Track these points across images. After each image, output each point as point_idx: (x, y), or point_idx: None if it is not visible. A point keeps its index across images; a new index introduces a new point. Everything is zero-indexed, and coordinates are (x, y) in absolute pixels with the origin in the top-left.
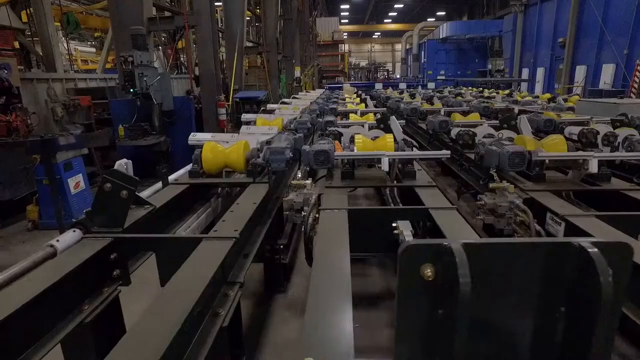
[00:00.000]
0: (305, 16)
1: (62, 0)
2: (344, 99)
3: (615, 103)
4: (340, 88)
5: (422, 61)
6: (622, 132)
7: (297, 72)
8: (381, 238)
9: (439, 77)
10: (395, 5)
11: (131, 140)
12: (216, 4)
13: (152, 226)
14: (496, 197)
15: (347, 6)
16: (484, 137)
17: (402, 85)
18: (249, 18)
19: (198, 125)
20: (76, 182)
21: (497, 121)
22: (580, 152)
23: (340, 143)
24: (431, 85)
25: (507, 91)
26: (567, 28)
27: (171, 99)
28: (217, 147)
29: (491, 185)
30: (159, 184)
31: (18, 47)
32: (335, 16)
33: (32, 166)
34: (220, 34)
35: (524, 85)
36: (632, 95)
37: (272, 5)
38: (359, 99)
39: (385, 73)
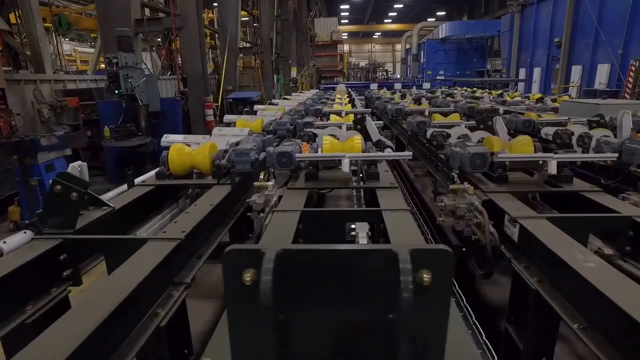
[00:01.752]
0: (303, 17)
1: (58, 1)
2: (335, 100)
3: (596, 104)
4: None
5: (422, 61)
6: (597, 133)
7: (294, 73)
8: (337, 240)
9: (438, 77)
10: (395, 5)
11: (116, 141)
12: (215, 4)
13: (112, 227)
14: (456, 199)
15: (347, 6)
16: (458, 137)
17: (397, 86)
18: (247, 19)
19: (186, 126)
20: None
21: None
22: (540, 154)
23: (314, 144)
24: (426, 85)
25: (499, 91)
26: (563, 28)
27: (158, 100)
28: (183, 149)
29: (451, 186)
30: (125, 186)
31: (1, 48)
32: (334, 16)
33: (14, 167)
34: (216, 35)
35: (521, 86)
36: (626, 95)
37: (267, 5)
38: (348, 99)
39: (385, 73)
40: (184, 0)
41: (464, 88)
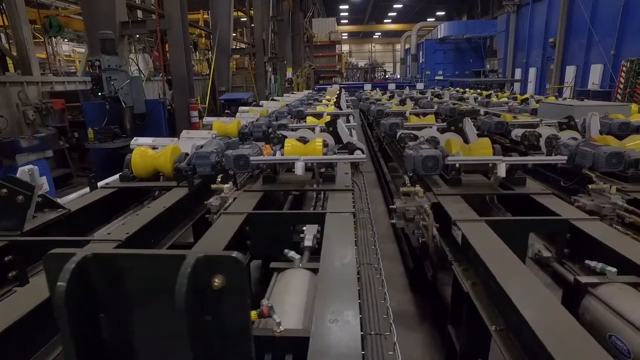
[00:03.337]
0: (299, 17)
1: (56, 2)
2: (323, 101)
3: (570, 106)
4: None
5: (421, 61)
6: (565, 135)
7: (289, 74)
8: (284, 241)
9: (437, 77)
10: (395, 5)
11: (100, 143)
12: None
13: (71, 229)
14: (407, 201)
15: (347, 7)
16: (427, 140)
17: (391, 86)
18: (245, 19)
19: (171, 127)
20: (38, 185)
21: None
22: (488, 157)
23: (276, 146)
24: (420, 86)
25: (489, 92)
26: (557, 28)
27: (143, 102)
28: (146, 152)
29: (402, 189)
30: (87, 189)
31: None
32: (334, 17)
33: None
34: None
35: (517, 86)
36: (618, 96)
37: (259, 6)
38: (335, 100)
39: (383, 73)
40: (168, 3)
41: (457, 89)
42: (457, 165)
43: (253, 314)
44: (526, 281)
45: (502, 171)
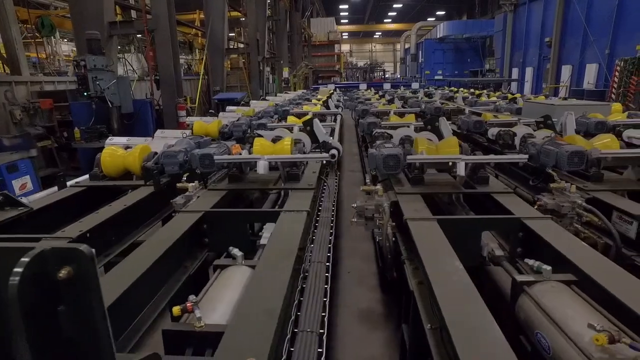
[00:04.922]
0: (296, 17)
1: (56, 2)
2: (313, 100)
3: (552, 105)
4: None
5: (420, 61)
6: (541, 134)
7: (286, 73)
8: (241, 239)
9: (436, 77)
10: (395, 5)
11: (87, 142)
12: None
13: (33, 227)
14: (368, 200)
15: (346, 6)
16: (401, 139)
17: (386, 86)
18: (243, 19)
19: (159, 127)
20: (22, 184)
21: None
22: (449, 156)
23: (246, 145)
24: (415, 85)
25: (483, 91)
26: (553, 28)
27: (130, 102)
28: (116, 151)
29: (362, 188)
30: (56, 187)
31: None
32: (333, 16)
33: None
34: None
35: (514, 85)
36: (612, 95)
37: (253, 6)
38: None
39: (382, 73)
40: (155, 2)
41: (451, 88)
42: (418, 164)
43: (176, 309)
44: (458, 281)
45: (461, 170)
